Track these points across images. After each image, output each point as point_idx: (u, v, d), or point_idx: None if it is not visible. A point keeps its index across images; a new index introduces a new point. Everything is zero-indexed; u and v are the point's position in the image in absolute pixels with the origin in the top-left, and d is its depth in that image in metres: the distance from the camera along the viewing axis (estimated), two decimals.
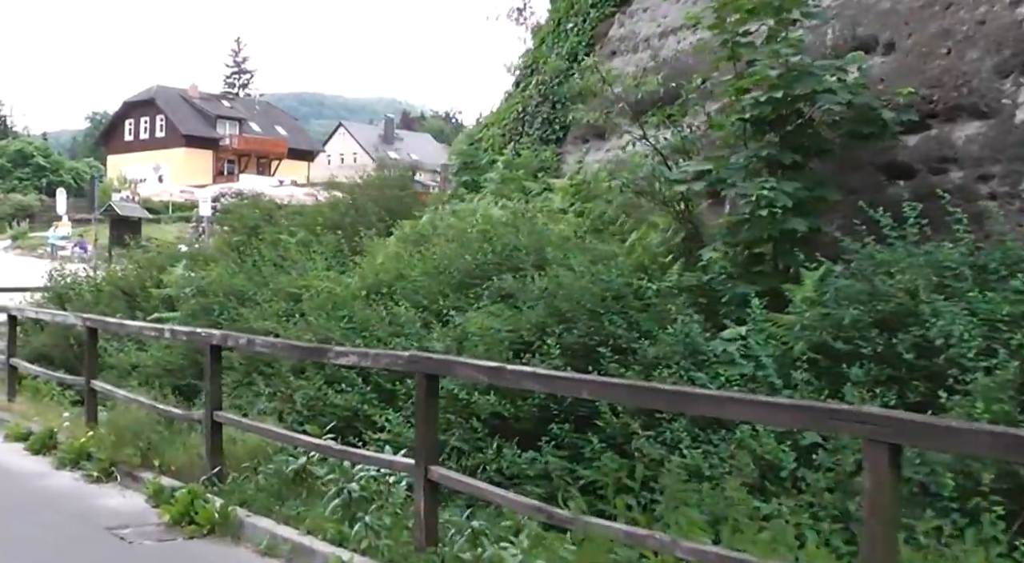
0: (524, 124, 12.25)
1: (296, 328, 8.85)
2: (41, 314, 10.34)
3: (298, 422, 7.84)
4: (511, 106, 13.18)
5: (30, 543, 6.06)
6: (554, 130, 11.64)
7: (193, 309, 10.62)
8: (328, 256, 10.44)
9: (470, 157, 12.60)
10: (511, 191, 11.14)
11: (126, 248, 41.43)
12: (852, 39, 7.92)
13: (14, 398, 10.89)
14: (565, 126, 11.61)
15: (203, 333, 7.03)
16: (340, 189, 12.47)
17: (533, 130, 11.87)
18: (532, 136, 11.83)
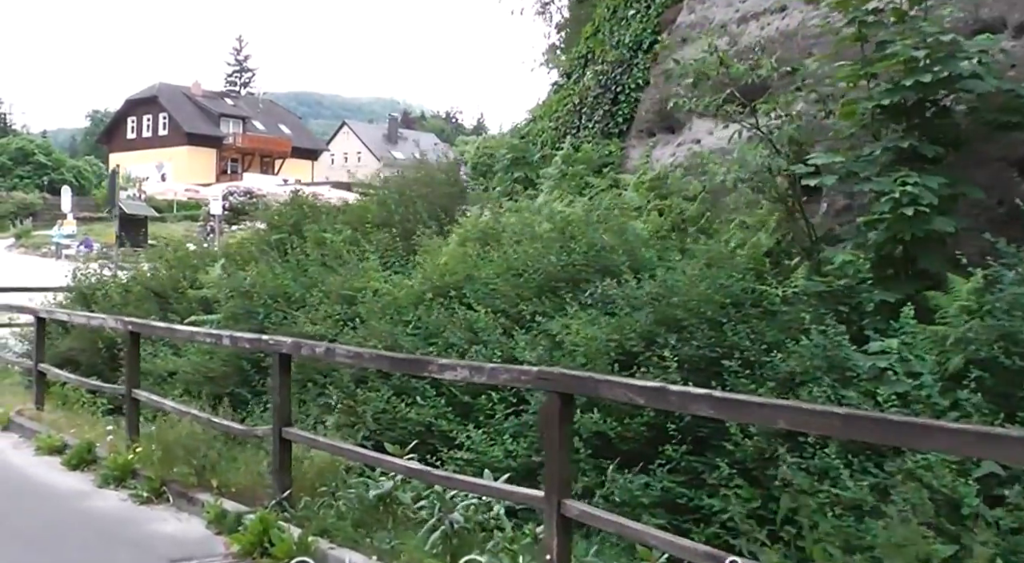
0: (581, 117, 11.54)
1: (357, 334, 8.15)
2: (74, 317, 9.62)
3: (366, 437, 7.16)
4: (562, 98, 12.48)
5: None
6: (616, 123, 10.94)
7: (235, 312, 9.90)
8: (381, 255, 9.72)
9: (521, 152, 11.89)
10: (570, 187, 10.46)
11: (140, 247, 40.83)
12: (974, 22, 7.23)
13: (42, 406, 10.18)
14: (628, 118, 10.91)
15: (270, 340, 6.33)
16: (386, 185, 11.73)
17: (592, 123, 11.17)
18: (592, 129, 11.13)
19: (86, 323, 9.77)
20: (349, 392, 7.71)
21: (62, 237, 43.93)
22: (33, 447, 9.01)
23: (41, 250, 45.19)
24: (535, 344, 6.94)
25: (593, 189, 10.19)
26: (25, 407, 10.22)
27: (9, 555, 5.84)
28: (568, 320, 6.73)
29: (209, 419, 6.94)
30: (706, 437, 5.82)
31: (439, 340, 7.80)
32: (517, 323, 7.46)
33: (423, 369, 5.23)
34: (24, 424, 9.74)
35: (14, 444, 9.26)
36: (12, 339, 13.62)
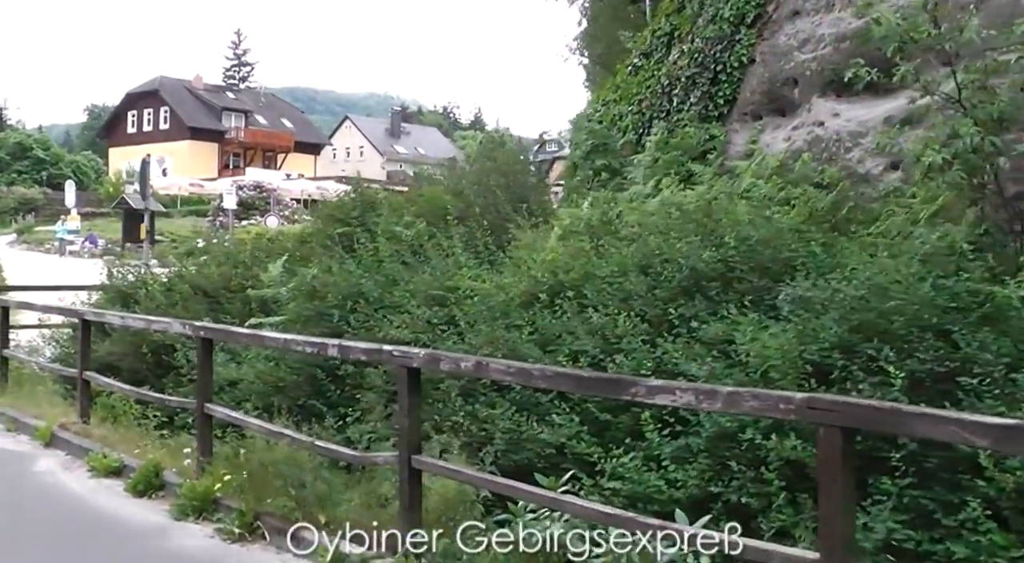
0: (671, 99, 10.53)
1: (464, 341, 7.14)
2: (129, 320, 8.58)
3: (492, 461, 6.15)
4: (643, 80, 11.47)
5: None
6: (716, 105, 9.94)
7: (303, 313, 8.87)
8: (465, 251, 8.71)
9: (602, 139, 10.88)
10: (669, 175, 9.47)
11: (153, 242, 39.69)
12: None
13: (88, 419, 9.16)
14: (730, 100, 9.91)
15: (395, 352, 5.31)
16: (462, 174, 10.69)
17: (688, 106, 10.16)
18: (687, 112, 10.12)
19: (145, 327, 8.73)
20: (460, 408, 6.72)
21: (66, 233, 42.82)
22: (86, 468, 8.00)
23: (44, 246, 44.06)
24: (689, 352, 5.95)
25: (697, 177, 9.22)
26: (68, 420, 9.20)
27: None
28: (735, 326, 5.75)
29: (313, 443, 5.92)
30: (934, 468, 4.85)
31: (560, 347, 6.83)
32: (659, 328, 6.47)
33: (622, 392, 4.21)
34: (70, 440, 8.72)
35: (63, 464, 8.25)
36: (39, 341, 12.61)
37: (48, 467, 8.13)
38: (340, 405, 8.29)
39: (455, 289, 8.18)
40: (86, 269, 35.33)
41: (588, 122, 12.37)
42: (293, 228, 36.30)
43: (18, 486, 7.49)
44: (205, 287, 10.67)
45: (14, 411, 9.88)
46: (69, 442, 8.71)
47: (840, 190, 7.69)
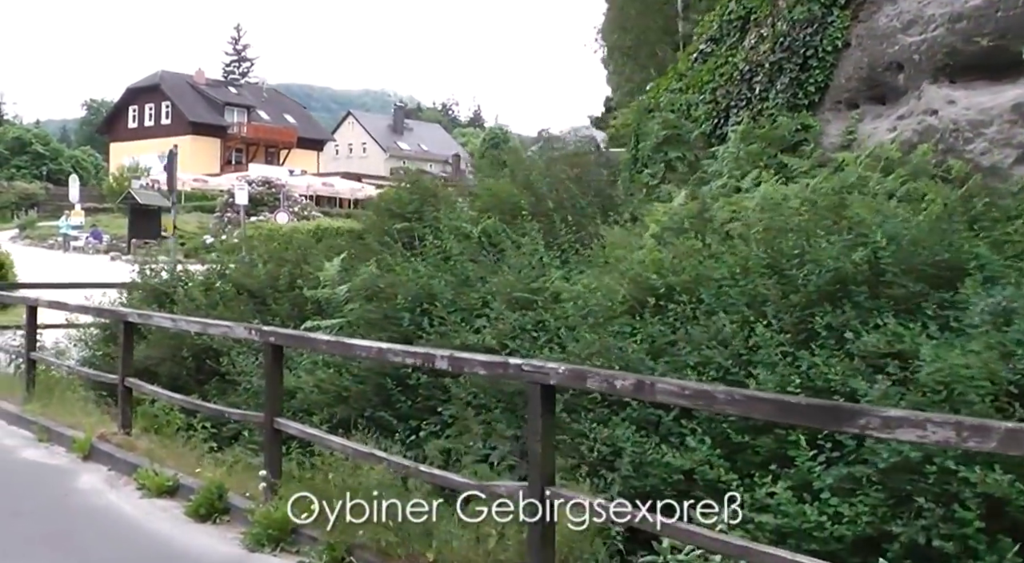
0: (752, 87, 9.79)
1: (565, 350, 6.40)
2: (182, 323, 7.81)
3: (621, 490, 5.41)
4: (715, 67, 10.72)
5: None
6: (806, 92, 9.20)
7: (368, 316, 8.13)
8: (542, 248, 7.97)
9: (674, 129, 10.14)
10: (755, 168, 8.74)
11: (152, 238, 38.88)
12: None
13: (130, 429, 8.40)
14: (822, 87, 9.17)
15: (525, 366, 4.56)
16: (531, 167, 9.91)
17: (774, 93, 9.41)
18: (773, 101, 9.38)
19: (201, 331, 7.98)
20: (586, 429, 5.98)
21: (70, 228, 42.07)
22: (133, 485, 7.25)
23: (47, 241, 43.27)
24: (846, 367, 5.22)
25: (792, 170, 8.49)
26: (108, 431, 8.44)
27: None
28: (896, 337, 5.02)
29: (418, 468, 5.16)
30: None
31: (675, 359, 6.10)
32: (795, 338, 5.74)
33: (845, 423, 3.45)
34: (113, 453, 7.97)
35: (107, 480, 7.49)
36: (64, 342, 11.85)
37: (92, 484, 7.37)
38: (412, 417, 7.57)
39: (541, 291, 7.47)
40: (92, 265, 34.81)
41: (649, 113, 11.62)
42: (307, 224, 35.55)
43: (63, 507, 6.74)
44: (250, 286, 9.91)
45: (46, 419, 9.12)
46: (111, 456, 7.95)
47: (971, 184, 6.95)
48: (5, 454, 8.44)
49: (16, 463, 8.12)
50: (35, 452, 8.51)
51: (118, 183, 53.50)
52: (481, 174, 11.99)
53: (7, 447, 8.70)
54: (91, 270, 31.41)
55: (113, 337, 10.85)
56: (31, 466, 8.02)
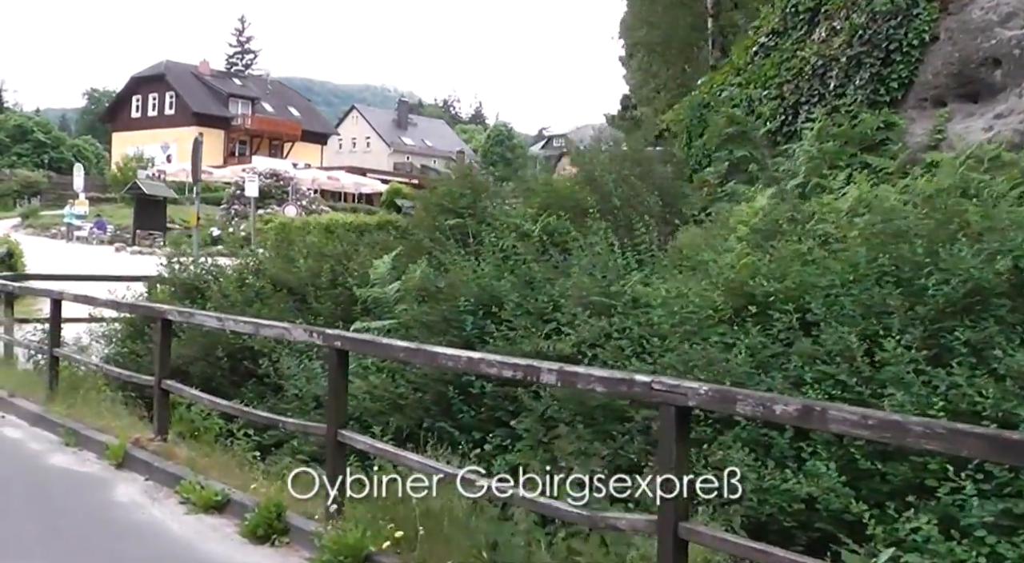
0: (825, 82, 9.24)
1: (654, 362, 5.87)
2: (229, 323, 7.21)
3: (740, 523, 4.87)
4: (781, 61, 10.17)
5: None
6: (888, 89, 8.65)
7: (425, 319, 7.58)
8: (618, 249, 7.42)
9: (738, 125, 9.59)
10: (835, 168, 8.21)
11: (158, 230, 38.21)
12: None
13: (166, 435, 7.84)
14: (906, 83, 8.62)
15: (656, 384, 4.00)
16: (595, 163, 9.31)
17: (852, 90, 8.87)
18: (851, 97, 8.83)
19: (252, 332, 7.42)
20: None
21: (74, 217, 41.36)
22: (176, 499, 6.69)
23: (50, 231, 42.58)
24: (999, 390, 4.68)
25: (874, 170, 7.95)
26: (143, 436, 7.87)
27: None
28: None
29: (520, 495, 4.61)
30: None
31: (783, 372, 5.57)
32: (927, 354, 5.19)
33: None
34: (150, 462, 7.40)
35: (147, 492, 6.92)
36: (86, 337, 11.30)
37: (131, 497, 6.81)
38: (475, 429, 7.03)
39: (619, 295, 6.92)
40: (97, 256, 34.17)
41: (703, 108, 11.07)
42: (319, 218, 34.98)
43: (104, 524, 6.17)
44: (289, 283, 9.35)
45: (74, 422, 8.55)
46: (148, 464, 7.39)
47: None
48: (32, 460, 7.88)
49: (45, 471, 7.56)
50: (63, 458, 7.95)
51: (123, 173, 52.85)
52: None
53: (33, 452, 8.14)
54: (97, 261, 30.82)
55: (139, 334, 10.32)
56: (61, 474, 7.46)
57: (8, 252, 18.73)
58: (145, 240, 39.51)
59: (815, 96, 9.34)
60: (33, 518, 6.16)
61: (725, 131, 9.58)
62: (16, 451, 8.15)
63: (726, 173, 9.55)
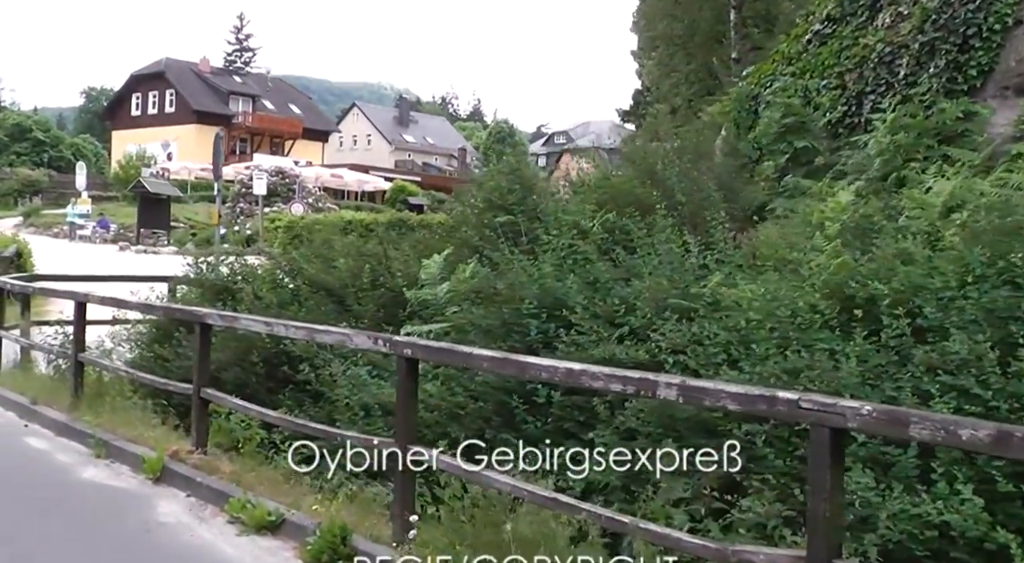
0: (894, 71, 8.76)
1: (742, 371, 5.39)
2: (277, 327, 6.70)
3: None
4: (837, 50, 9.69)
5: None
6: (967, 77, 8.18)
7: (482, 323, 7.10)
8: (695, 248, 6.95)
9: (799, 117, 9.11)
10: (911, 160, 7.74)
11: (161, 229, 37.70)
12: None
13: (206, 447, 7.36)
14: (985, 71, 8.15)
15: (804, 402, 3.53)
16: (656, 157, 8.78)
17: (925, 78, 8.39)
18: (926, 86, 8.35)
19: (306, 337, 6.94)
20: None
21: (76, 216, 40.82)
22: (224, 518, 6.21)
23: (52, 230, 42.03)
24: None
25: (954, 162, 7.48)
26: (181, 448, 7.39)
27: None
28: None
29: (636, 525, 4.12)
30: None
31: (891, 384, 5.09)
32: None
33: None
34: (191, 476, 6.92)
35: (191, 510, 6.44)
36: (108, 341, 10.78)
37: (175, 516, 6.33)
38: (541, 441, 6.55)
39: (697, 297, 6.45)
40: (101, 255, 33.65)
41: (752, 99, 10.59)
42: (330, 216, 34.46)
43: (152, 548, 5.69)
44: (328, 284, 8.85)
45: (104, 432, 8.06)
46: (189, 479, 6.91)
47: None
48: (62, 474, 7.39)
49: (79, 486, 7.08)
50: (96, 471, 7.47)
51: (124, 171, 52.30)
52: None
53: (62, 465, 7.66)
54: (102, 260, 30.33)
55: (167, 337, 9.81)
56: (97, 490, 6.98)
57: (17, 252, 18.19)
58: (149, 239, 39.00)
59: (882, 85, 8.87)
60: (75, 540, 5.70)
61: (783, 122, 9.09)
62: (45, 464, 7.67)
63: (783, 166, 9.07)
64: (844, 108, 9.20)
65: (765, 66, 11.11)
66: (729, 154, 8.80)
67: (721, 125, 11.98)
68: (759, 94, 10.66)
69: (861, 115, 8.86)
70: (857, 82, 9.14)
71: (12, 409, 9.62)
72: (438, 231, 9.55)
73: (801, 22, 10.98)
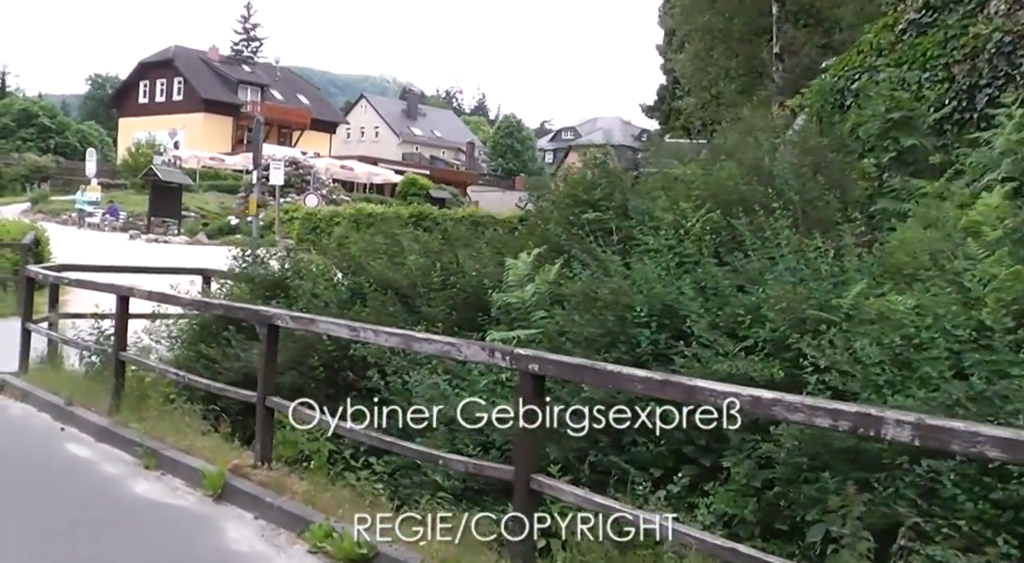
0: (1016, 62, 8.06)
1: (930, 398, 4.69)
2: (370, 334, 5.94)
3: None
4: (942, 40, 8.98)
5: None
6: None
7: (583, 332, 6.39)
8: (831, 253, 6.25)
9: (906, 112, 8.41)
10: None
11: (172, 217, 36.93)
12: None
13: (270, 462, 6.66)
14: None
15: None
16: (753, 151, 8.06)
17: None
18: None
19: (403, 345, 6.18)
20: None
21: (86, 203, 40.08)
22: (304, 546, 5.53)
23: (61, 217, 41.27)
24: None
25: None
26: (243, 462, 6.70)
27: None
28: None
29: None
30: None
31: None
32: None
33: None
34: (258, 496, 6.23)
35: (264, 536, 5.75)
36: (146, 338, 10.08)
37: (248, 543, 5.64)
38: (653, 466, 5.88)
39: (834, 308, 5.75)
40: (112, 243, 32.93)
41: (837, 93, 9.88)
42: (347, 208, 33.67)
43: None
44: (396, 283, 8.15)
45: (153, 441, 7.37)
46: (256, 499, 6.21)
47: None
48: (113, 488, 6.70)
49: (132, 503, 6.38)
50: (148, 486, 6.77)
51: (134, 159, 51.54)
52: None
53: (111, 477, 6.96)
54: (113, 249, 29.60)
55: (212, 336, 9.10)
56: (154, 508, 6.28)
57: (35, 239, 17.47)
58: (159, 227, 38.27)
59: (999, 78, 8.18)
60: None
61: (888, 117, 8.38)
62: (92, 475, 6.99)
63: (886, 165, 8.37)
64: (954, 103, 8.51)
65: (851, 57, 10.41)
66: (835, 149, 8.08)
67: (793, 118, 11.30)
68: (844, 87, 9.95)
69: (974, 110, 8.18)
70: (968, 75, 8.45)
71: (46, 410, 8.94)
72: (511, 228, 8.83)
73: (890, 11, 10.27)
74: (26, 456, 7.53)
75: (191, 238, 36.12)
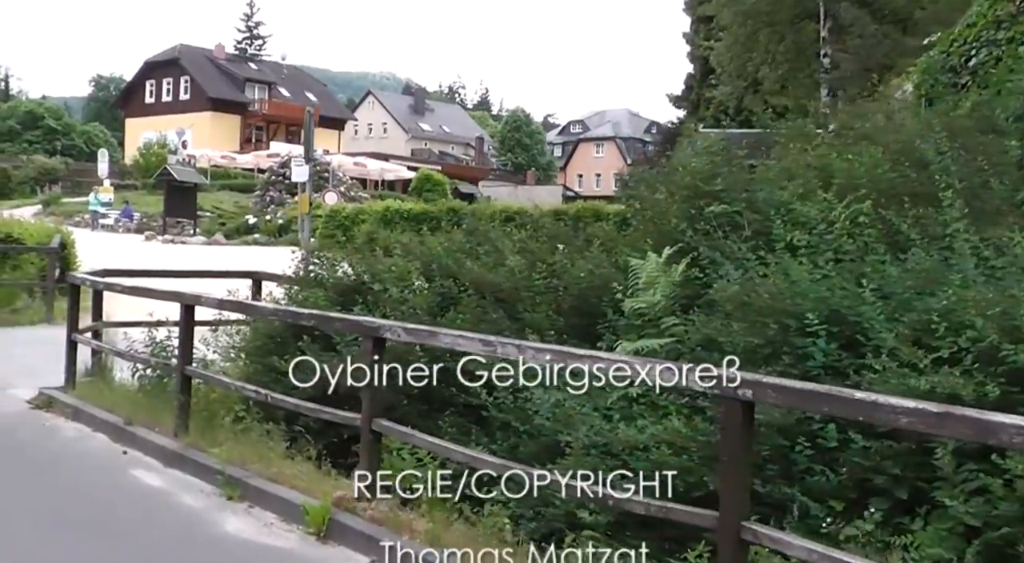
0: None
1: None
2: (512, 348, 5.07)
3: None
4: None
5: None
6: None
7: (742, 340, 5.57)
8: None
9: None
10: None
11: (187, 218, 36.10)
12: None
13: (374, 493, 5.85)
14: None
15: None
16: (908, 136, 7.21)
17: None
18: None
19: (561, 363, 5.28)
20: None
21: (99, 205, 39.31)
22: None
23: (74, 219, 40.48)
24: None
25: None
26: (345, 495, 5.88)
27: None
28: None
29: None
30: None
31: None
32: None
33: None
34: (372, 534, 5.43)
35: None
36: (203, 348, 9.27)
37: None
38: (835, 497, 5.07)
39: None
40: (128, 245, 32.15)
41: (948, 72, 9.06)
42: (374, 205, 32.84)
43: None
44: (497, 286, 7.33)
45: (235, 469, 6.54)
46: (371, 539, 5.40)
47: None
48: (200, 525, 5.89)
49: (226, 544, 5.57)
50: (239, 522, 5.95)
51: (145, 159, 50.76)
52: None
53: (194, 511, 6.16)
54: (131, 251, 28.82)
55: (280, 347, 8.28)
56: (252, 551, 5.48)
57: (61, 243, 16.67)
58: (174, 228, 37.48)
59: None
60: None
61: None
62: (171, 509, 6.17)
63: None
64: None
65: (962, 31, 9.57)
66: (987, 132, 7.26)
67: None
68: (957, 64, 9.13)
69: None
70: None
71: (102, 429, 8.14)
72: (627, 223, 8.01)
73: None
74: (91, 487, 6.75)
75: (209, 238, 35.34)
